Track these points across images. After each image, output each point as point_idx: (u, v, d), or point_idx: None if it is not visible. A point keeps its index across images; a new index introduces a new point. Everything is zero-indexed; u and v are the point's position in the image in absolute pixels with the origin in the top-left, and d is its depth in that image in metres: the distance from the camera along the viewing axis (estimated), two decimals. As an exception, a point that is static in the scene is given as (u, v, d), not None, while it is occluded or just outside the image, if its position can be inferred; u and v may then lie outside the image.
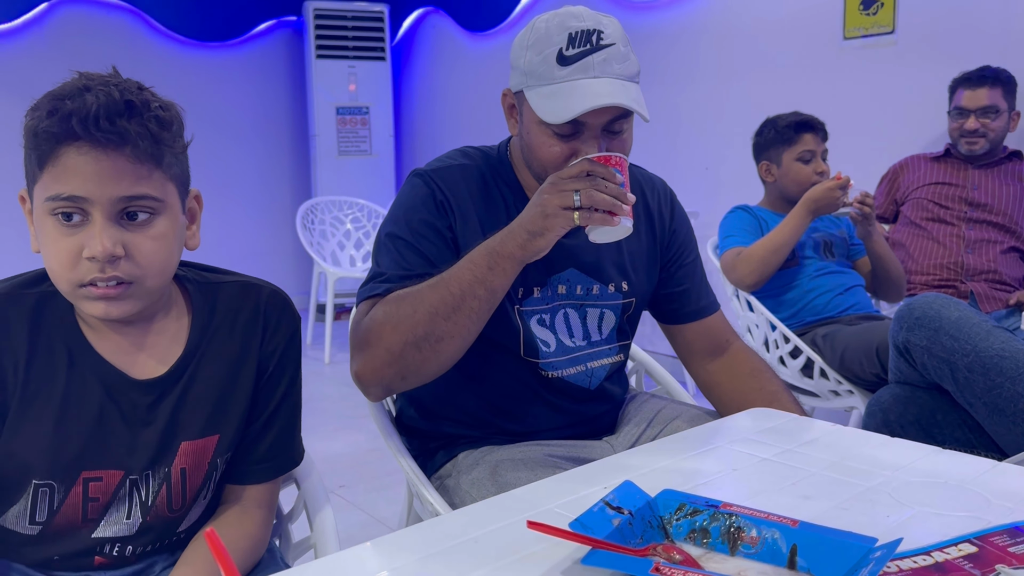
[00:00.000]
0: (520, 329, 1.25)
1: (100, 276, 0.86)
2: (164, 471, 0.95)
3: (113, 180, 0.84)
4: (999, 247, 2.46)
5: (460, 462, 1.24)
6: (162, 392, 0.95)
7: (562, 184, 1.07)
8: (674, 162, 3.76)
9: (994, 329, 1.68)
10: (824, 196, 2.18)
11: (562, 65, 1.12)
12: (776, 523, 0.73)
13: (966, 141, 2.50)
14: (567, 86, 1.11)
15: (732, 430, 1.11)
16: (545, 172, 1.18)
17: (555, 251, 1.24)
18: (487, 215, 1.24)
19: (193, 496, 0.98)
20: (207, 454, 0.97)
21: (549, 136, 1.15)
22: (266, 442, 1.03)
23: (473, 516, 0.85)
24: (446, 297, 1.09)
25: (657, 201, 1.39)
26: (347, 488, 2.60)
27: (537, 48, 1.14)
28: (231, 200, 5.45)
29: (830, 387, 2.22)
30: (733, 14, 3.50)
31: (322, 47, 5.23)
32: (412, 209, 1.22)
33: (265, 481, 1.04)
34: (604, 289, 1.31)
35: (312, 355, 4.43)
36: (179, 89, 6.01)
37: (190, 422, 0.96)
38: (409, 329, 1.10)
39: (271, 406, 1.02)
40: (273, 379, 1.02)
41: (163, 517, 0.97)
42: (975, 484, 0.89)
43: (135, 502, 0.94)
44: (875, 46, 3.01)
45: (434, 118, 5.46)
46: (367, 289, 1.20)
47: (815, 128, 2.34)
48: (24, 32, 4.66)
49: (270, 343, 1.01)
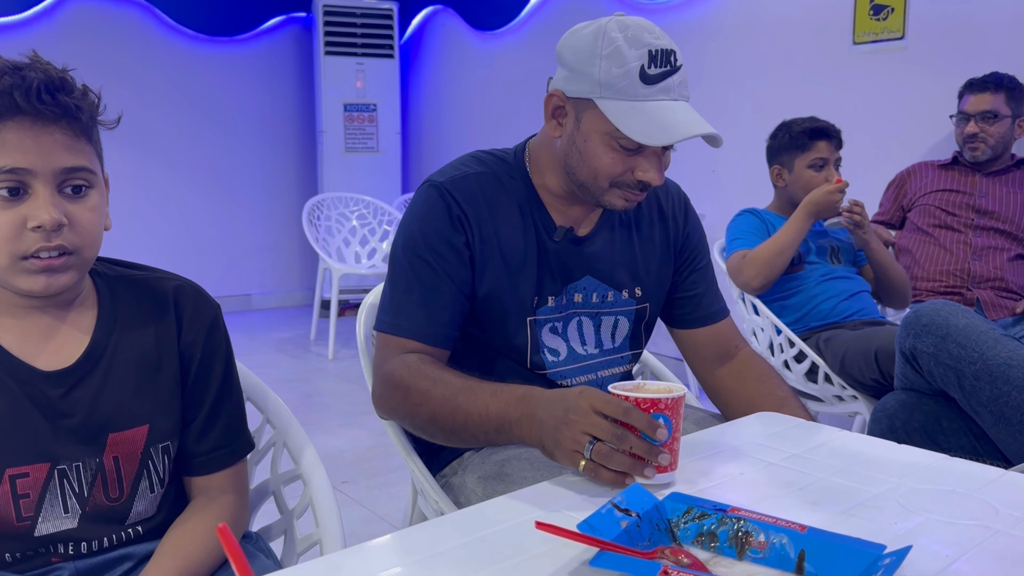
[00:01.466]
0: (528, 341, 1.25)
1: (46, 245, 0.88)
2: (96, 461, 0.95)
3: (55, 152, 0.88)
4: (1006, 255, 2.46)
5: (466, 460, 1.24)
6: (74, 383, 0.95)
7: (586, 423, 0.92)
8: (681, 164, 3.75)
9: (1002, 337, 1.67)
10: (823, 199, 2.18)
11: (645, 83, 1.12)
12: (784, 528, 0.73)
13: (968, 146, 2.50)
14: (654, 106, 1.12)
15: (739, 434, 1.11)
16: (595, 181, 1.18)
17: (572, 260, 1.26)
18: (504, 224, 1.23)
19: (131, 484, 0.97)
20: (138, 444, 0.98)
21: (614, 150, 1.16)
22: (216, 430, 1.04)
23: (480, 515, 0.85)
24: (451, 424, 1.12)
25: (671, 205, 1.38)
26: (349, 484, 2.61)
27: (616, 60, 1.13)
28: (237, 195, 5.46)
29: (834, 392, 2.22)
30: (742, 17, 3.49)
31: (331, 44, 5.23)
32: (427, 222, 1.22)
33: (223, 468, 1.05)
34: (619, 296, 1.31)
35: (316, 351, 4.43)
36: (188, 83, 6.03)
37: (114, 414, 0.96)
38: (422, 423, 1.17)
39: (211, 395, 1.03)
40: (204, 369, 1.03)
41: (103, 507, 0.96)
42: (983, 493, 0.89)
43: (68, 494, 0.94)
44: (885, 51, 3.00)
45: (441, 116, 5.46)
46: (388, 323, 1.22)
47: (830, 136, 2.33)
48: (34, 24, 4.67)
49: (188, 334, 1.02)
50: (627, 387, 0.94)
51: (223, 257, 5.45)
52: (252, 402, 1.25)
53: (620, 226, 1.32)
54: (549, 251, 1.25)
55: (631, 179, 1.17)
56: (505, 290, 1.23)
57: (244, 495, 1.08)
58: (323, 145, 5.30)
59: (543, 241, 1.25)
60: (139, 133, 5.02)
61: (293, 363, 4.21)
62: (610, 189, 1.19)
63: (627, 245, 1.33)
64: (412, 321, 1.20)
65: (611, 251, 1.30)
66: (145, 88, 5.00)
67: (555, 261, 1.25)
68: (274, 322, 5.22)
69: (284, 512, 1.19)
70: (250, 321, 5.25)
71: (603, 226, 1.30)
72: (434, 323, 1.20)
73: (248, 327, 5.06)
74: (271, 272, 5.67)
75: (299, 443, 1.19)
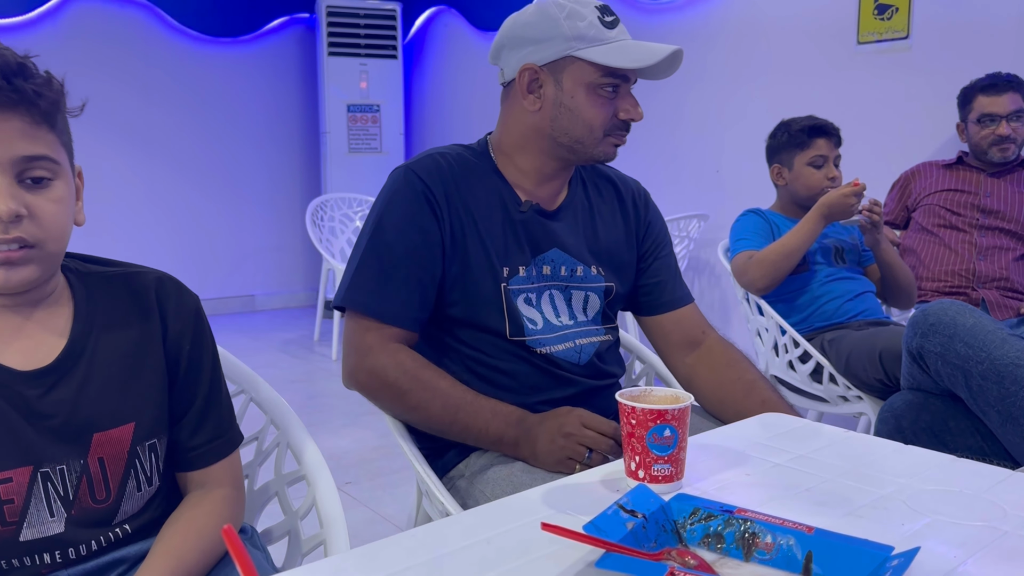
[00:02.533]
0: (505, 307, 1.27)
1: (3, 237, 0.84)
2: (80, 463, 0.92)
3: (13, 139, 0.84)
4: (1011, 254, 2.45)
5: (472, 462, 1.24)
6: (52, 384, 0.91)
7: (580, 436, 1.13)
8: (685, 164, 3.76)
9: (1009, 337, 1.67)
10: (838, 203, 2.17)
11: (607, 28, 1.25)
12: (791, 529, 0.73)
13: (999, 148, 2.47)
14: (623, 42, 1.25)
15: (743, 436, 1.10)
16: (591, 132, 1.26)
17: (539, 231, 1.31)
18: (471, 197, 1.28)
19: (118, 485, 0.95)
20: (124, 443, 0.95)
21: (600, 96, 1.25)
22: (210, 422, 1.03)
23: (486, 516, 0.85)
24: (446, 431, 1.23)
25: (631, 196, 1.44)
26: (353, 485, 2.61)
27: (577, 16, 1.24)
28: (242, 195, 5.47)
29: (839, 392, 2.21)
30: (746, 17, 3.48)
31: (334, 44, 5.24)
32: (396, 205, 1.26)
33: (218, 460, 1.03)
34: (588, 271, 1.35)
35: (319, 351, 4.43)
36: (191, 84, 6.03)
37: (97, 414, 0.93)
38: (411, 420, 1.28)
39: (203, 388, 1.02)
40: (193, 363, 1.01)
41: (90, 510, 0.93)
42: (990, 493, 0.89)
43: (53, 497, 0.90)
44: (889, 51, 2.99)
45: (445, 116, 5.46)
46: (364, 304, 1.25)
47: (829, 133, 2.33)
48: (38, 25, 4.68)
49: (174, 329, 1.00)
50: (633, 395, 0.94)
51: (227, 258, 5.46)
52: (256, 403, 1.25)
53: (582, 209, 1.38)
54: (516, 221, 1.30)
55: (617, 122, 1.28)
56: (478, 261, 1.27)
57: (240, 488, 1.07)
58: (327, 146, 5.30)
59: (510, 212, 1.30)
60: (143, 134, 5.03)
61: (297, 364, 4.21)
62: (604, 137, 1.28)
63: (590, 226, 1.38)
64: (390, 304, 1.24)
65: (576, 228, 1.36)
66: (149, 89, 5.01)
67: (522, 231, 1.30)
68: (278, 323, 5.22)
69: (288, 513, 1.19)
70: (254, 322, 5.25)
71: (568, 205, 1.36)
72: (410, 306, 1.25)
73: (252, 328, 5.06)
74: (275, 273, 5.67)
75: (302, 443, 1.19)
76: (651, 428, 0.88)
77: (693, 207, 3.63)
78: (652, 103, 3.90)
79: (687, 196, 3.68)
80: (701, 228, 3.60)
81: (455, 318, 1.29)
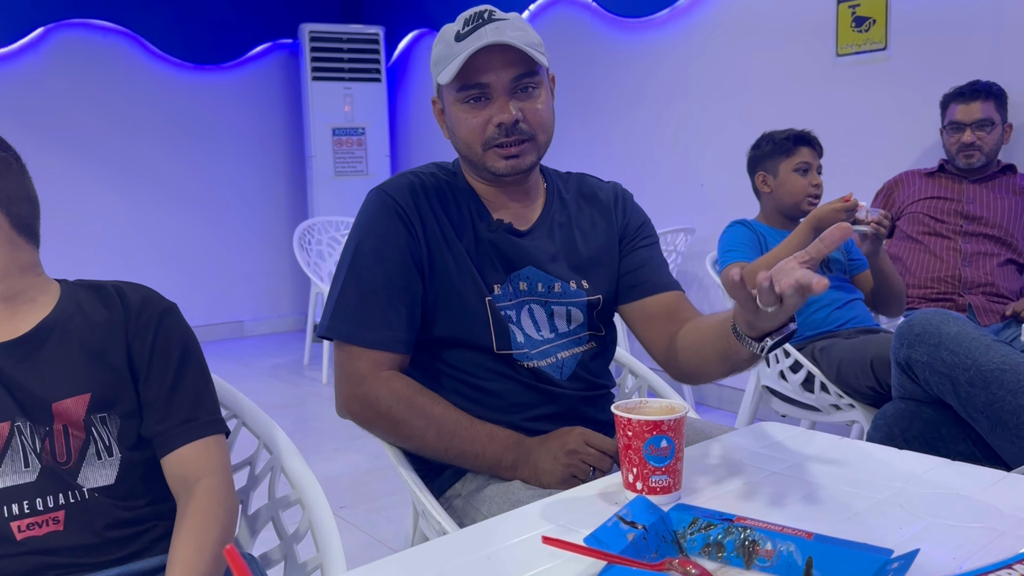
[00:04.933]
0: (491, 320, 1.27)
1: None
2: (45, 429, 1.03)
3: None
4: (996, 260, 2.47)
5: (469, 482, 1.24)
6: (24, 356, 1.04)
7: (585, 455, 1.14)
8: (669, 178, 3.78)
9: (993, 343, 1.68)
10: (828, 216, 2.18)
11: (457, 41, 1.22)
12: (791, 536, 0.73)
13: (964, 155, 2.52)
14: (461, 51, 1.20)
15: (740, 444, 1.11)
16: (471, 147, 1.27)
17: (511, 250, 1.30)
18: (444, 216, 1.29)
19: (79, 451, 1.04)
20: (80, 412, 1.04)
21: (463, 111, 1.25)
22: (175, 407, 1.09)
23: (485, 533, 0.84)
24: (442, 456, 1.22)
25: (611, 200, 1.42)
26: (347, 509, 2.59)
27: (440, 40, 1.26)
28: (228, 222, 5.45)
29: (831, 401, 2.22)
30: (726, 32, 3.53)
31: (318, 69, 5.26)
32: (373, 228, 1.27)
33: (187, 442, 1.08)
34: (566, 286, 1.33)
35: (309, 375, 4.41)
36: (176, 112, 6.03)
37: (56, 384, 1.04)
38: (408, 447, 1.27)
39: (168, 377, 1.09)
40: (157, 355, 1.10)
41: (55, 467, 1.02)
42: (986, 495, 0.89)
43: (28, 450, 1.02)
44: (868, 63, 3.03)
45: (429, 138, 5.48)
46: (352, 334, 1.24)
47: (811, 143, 2.38)
48: (21, 56, 4.67)
49: (137, 319, 1.10)
50: (629, 406, 0.94)
51: (215, 284, 5.44)
52: (248, 427, 1.25)
53: (559, 227, 1.36)
54: (485, 240, 1.29)
55: (492, 131, 1.24)
56: (460, 276, 1.26)
57: (220, 473, 1.09)
58: (312, 169, 5.31)
59: (479, 231, 1.30)
60: (128, 162, 5.02)
61: (287, 389, 4.19)
62: (486, 152, 1.26)
63: (569, 242, 1.36)
64: (375, 331, 1.23)
65: (552, 246, 1.34)
66: (133, 117, 5.00)
67: (492, 250, 1.29)
68: (267, 348, 5.19)
69: (284, 537, 1.18)
70: (243, 348, 5.23)
71: (542, 224, 1.35)
72: (397, 329, 1.24)
73: (241, 354, 5.03)
74: (263, 298, 5.65)
75: (296, 467, 1.19)
76: (648, 439, 0.88)
77: (679, 221, 3.65)
78: (636, 117, 3.94)
79: (673, 210, 3.70)
80: (688, 242, 3.61)
81: (440, 338, 1.28)
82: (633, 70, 3.93)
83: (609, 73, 4.01)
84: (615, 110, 4.03)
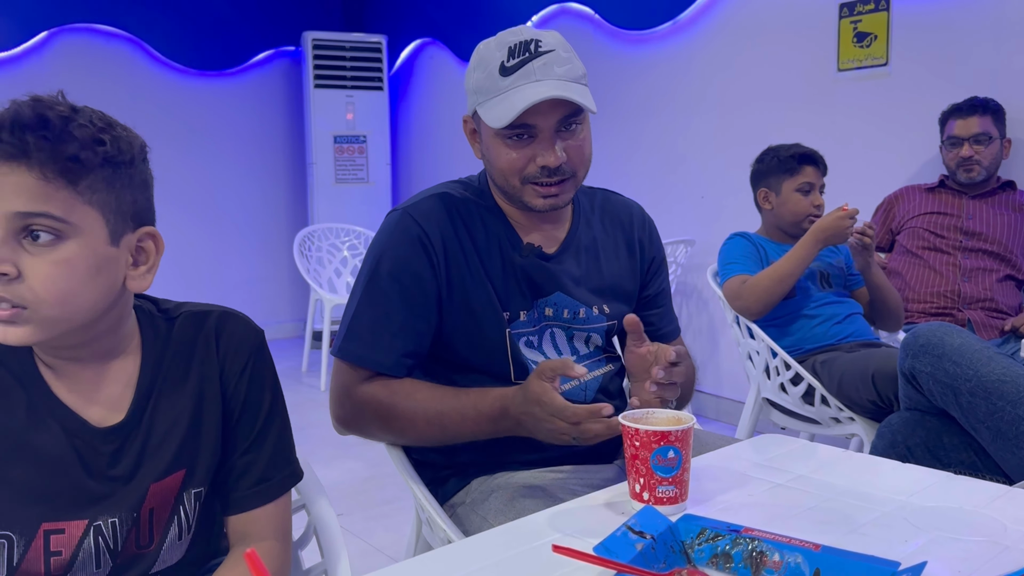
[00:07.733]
0: (509, 352, 1.26)
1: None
2: (134, 515, 0.90)
3: (11, 195, 0.79)
4: (995, 275, 2.49)
5: (474, 489, 1.24)
6: (124, 439, 0.90)
7: (569, 430, 1.06)
8: (670, 191, 3.80)
9: (995, 355, 1.70)
10: (833, 226, 2.19)
11: (504, 76, 1.19)
12: (799, 547, 0.73)
13: (963, 169, 2.54)
14: (512, 92, 1.18)
15: (744, 457, 1.11)
16: (506, 182, 1.24)
17: (541, 275, 1.28)
18: (469, 241, 1.26)
19: (161, 532, 0.93)
20: (174, 490, 0.93)
21: (504, 145, 1.22)
22: (260, 463, 0.99)
23: (494, 541, 0.85)
24: (440, 435, 1.21)
25: (637, 229, 1.42)
26: (345, 517, 2.58)
27: (480, 67, 1.22)
28: (229, 228, 5.46)
29: (831, 414, 2.23)
30: (728, 46, 3.55)
31: (320, 77, 5.27)
32: (390, 251, 1.25)
33: (262, 504, 0.99)
34: (590, 312, 1.33)
35: (307, 382, 4.41)
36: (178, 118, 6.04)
37: (156, 465, 0.92)
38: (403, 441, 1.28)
39: (256, 426, 0.99)
40: (248, 404, 0.98)
41: (132, 555, 0.92)
42: (990, 509, 0.90)
43: (103, 550, 0.89)
44: (869, 78, 3.05)
45: (431, 147, 5.49)
46: (355, 354, 1.24)
47: (816, 162, 2.37)
48: (24, 60, 4.68)
49: (232, 366, 0.98)
50: (636, 416, 0.95)
51: (214, 290, 5.43)
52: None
53: (585, 250, 1.35)
54: (516, 266, 1.28)
55: (535, 169, 1.21)
56: (481, 306, 1.25)
57: (286, 542, 1.01)
58: (313, 177, 5.32)
59: (510, 256, 1.28)
60: (129, 167, 5.02)
61: (285, 395, 4.16)
62: (524, 187, 1.23)
63: (594, 267, 1.35)
64: (384, 355, 1.23)
65: (578, 269, 1.33)
66: (135, 122, 4.91)
67: (523, 276, 1.28)
68: (265, 354, 5.18)
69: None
70: (241, 354, 5.21)
71: (568, 246, 1.33)
72: (404, 355, 1.24)
73: (239, 360, 5.02)
74: (262, 304, 5.65)
75: (302, 473, 1.18)
76: (655, 450, 0.89)
77: (680, 232, 3.66)
78: (638, 131, 3.96)
79: (674, 222, 3.71)
80: (688, 253, 3.63)
81: (458, 363, 1.28)
82: (635, 82, 3.95)
83: (611, 85, 4.03)
84: (617, 122, 4.04)
